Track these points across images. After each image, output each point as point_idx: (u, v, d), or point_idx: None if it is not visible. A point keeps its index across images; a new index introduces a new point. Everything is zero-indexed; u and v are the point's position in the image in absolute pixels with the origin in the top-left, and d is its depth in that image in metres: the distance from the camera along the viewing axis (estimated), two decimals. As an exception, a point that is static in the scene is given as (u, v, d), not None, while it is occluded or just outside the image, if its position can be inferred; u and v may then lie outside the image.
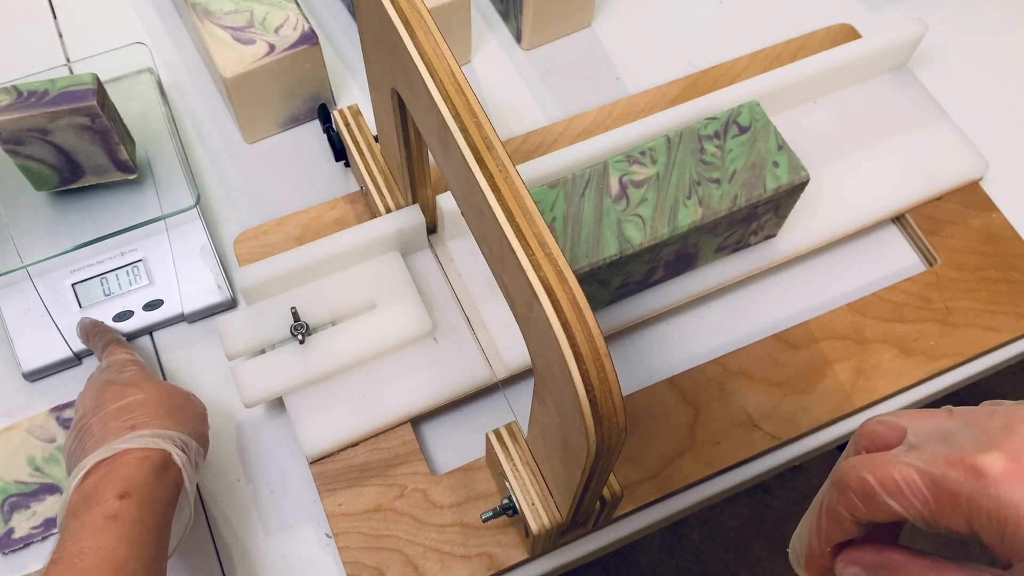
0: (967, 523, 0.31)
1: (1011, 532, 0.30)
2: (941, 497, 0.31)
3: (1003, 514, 0.30)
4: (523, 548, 0.56)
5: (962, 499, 0.31)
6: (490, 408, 0.62)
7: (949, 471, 0.31)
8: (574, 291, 0.37)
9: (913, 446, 0.34)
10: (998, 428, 0.32)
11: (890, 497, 0.33)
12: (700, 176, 0.58)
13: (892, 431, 0.35)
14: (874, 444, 0.36)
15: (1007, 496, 0.30)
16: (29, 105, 0.59)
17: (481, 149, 0.40)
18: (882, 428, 0.36)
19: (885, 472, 0.33)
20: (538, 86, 0.76)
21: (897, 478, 0.32)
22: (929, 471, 0.32)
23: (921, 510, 0.32)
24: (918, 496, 0.32)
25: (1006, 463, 0.30)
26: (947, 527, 0.32)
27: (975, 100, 0.75)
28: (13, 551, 0.57)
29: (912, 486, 0.32)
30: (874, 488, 0.33)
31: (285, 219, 0.67)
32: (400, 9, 0.43)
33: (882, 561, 0.35)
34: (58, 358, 0.62)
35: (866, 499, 0.33)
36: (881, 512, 0.33)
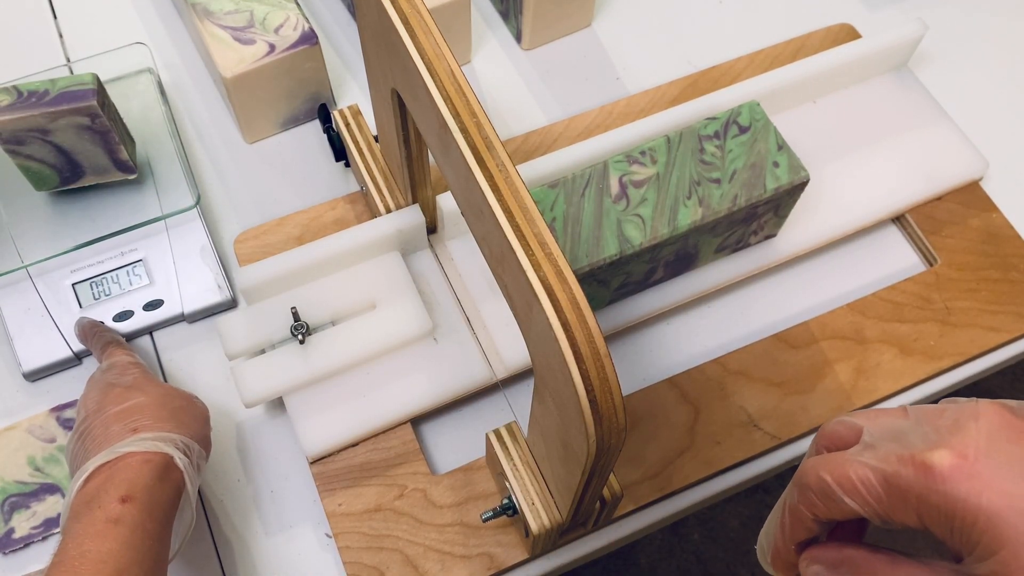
0: (918, 518, 0.32)
1: (959, 526, 0.31)
2: (893, 494, 0.32)
3: (951, 509, 0.31)
4: (523, 548, 0.56)
5: (912, 495, 0.32)
6: (490, 408, 0.62)
7: (900, 468, 0.32)
8: (574, 291, 0.37)
9: (869, 445, 0.35)
10: (948, 425, 0.33)
11: (846, 495, 0.34)
12: (700, 176, 0.58)
13: (850, 431, 0.36)
14: (834, 444, 0.37)
15: (954, 491, 0.31)
16: (29, 105, 0.59)
17: (481, 149, 0.40)
18: (841, 428, 0.37)
19: (841, 471, 0.34)
20: (538, 86, 0.76)
21: (852, 477, 0.33)
22: (882, 469, 0.33)
23: (875, 507, 0.33)
24: (872, 493, 0.33)
25: (953, 459, 0.31)
26: (900, 523, 0.33)
27: (975, 100, 0.75)
28: (13, 551, 0.57)
29: (867, 484, 0.33)
30: (831, 487, 0.34)
31: (285, 219, 0.67)
32: (400, 9, 0.43)
33: (842, 558, 0.36)
34: (58, 358, 0.62)
35: (824, 498, 0.34)
36: (839, 510, 0.34)
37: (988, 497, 0.30)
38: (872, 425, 0.36)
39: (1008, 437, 0.32)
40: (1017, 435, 0.32)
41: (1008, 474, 0.31)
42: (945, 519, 0.31)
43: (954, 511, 0.31)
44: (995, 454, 0.31)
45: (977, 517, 0.30)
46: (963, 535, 0.31)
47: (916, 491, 0.32)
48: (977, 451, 0.31)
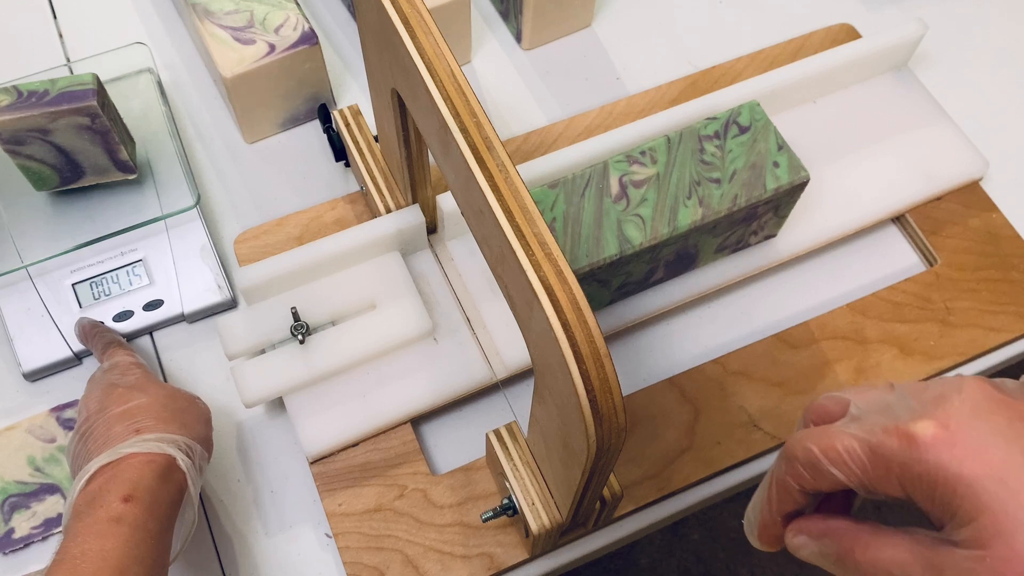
0: (901, 488, 0.33)
1: (940, 494, 0.32)
2: (877, 463, 0.33)
3: (933, 477, 0.32)
4: (523, 548, 0.56)
5: (896, 464, 0.33)
6: (490, 408, 0.62)
7: (884, 439, 0.33)
8: (574, 291, 0.37)
9: (855, 417, 0.36)
10: (932, 398, 0.34)
11: (832, 465, 0.34)
12: (700, 176, 0.58)
13: (837, 405, 0.37)
14: (821, 418, 0.38)
15: (936, 460, 0.32)
16: (29, 105, 0.59)
17: (481, 149, 0.40)
18: (828, 403, 0.38)
19: (828, 442, 0.35)
20: (538, 86, 0.76)
21: (838, 447, 0.34)
22: (867, 440, 0.34)
23: (860, 476, 0.34)
24: (857, 464, 0.34)
25: (936, 430, 0.32)
26: (885, 492, 0.34)
27: (975, 100, 0.75)
28: (13, 551, 0.57)
29: (852, 454, 0.34)
30: (818, 457, 0.35)
31: (285, 219, 0.67)
32: (400, 9, 0.43)
33: (827, 529, 0.37)
34: (58, 358, 0.62)
35: (811, 469, 0.35)
36: (825, 481, 0.35)
37: (968, 465, 0.31)
38: (859, 399, 0.37)
39: (989, 409, 0.33)
40: (998, 407, 0.33)
41: (988, 444, 0.32)
42: (927, 487, 0.32)
43: (935, 479, 0.32)
44: (976, 425, 0.32)
45: (957, 485, 0.31)
46: (944, 503, 0.32)
47: (899, 460, 0.33)
48: (959, 422, 0.32)
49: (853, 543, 0.36)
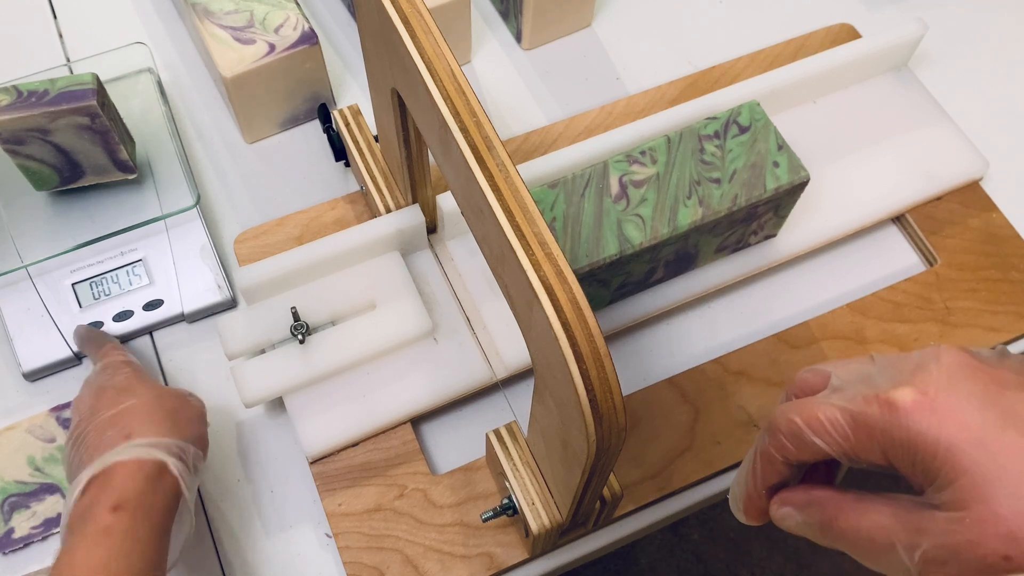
0: (883, 454, 0.34)
1: (920, 459, 0.33)
2: (859, 431, 0.34)
3: (913, 443, 0.33)
4: (523, 548, 0.56)
5: (877, 431, 0.33)
6: (490, 408, 0.62)
7: (866, 407, 0.34)
8: (574, 291, 0.37)
9: (836, 388, 0.37)
10: (911, 367, 0.35)
11: (815, 436, 0.35)
12: (700, 176, 0.58)
13: (819, 377, 0.38)
14: (803, 391, 0.39)
15: (916, 426, 0.33)
16: (29, 105, 0.59)
17: (481, 149, 0.40)
18: (810, 376, 0.39)
19: (810, 413, 0.35)
20: (538, 86, 0.76)
21: (821, 417, 0.35)
22: (849, 408, 0.34)
23: (843, 445, 0.35)
24: (839, 433, 0.35)
25: (916, 396, 0.33)
26: (867, 460, 0.35)
27: (975, 100, 0.75)
28: (13, 551, 0.57)
29: (834, 423, 0.35)
30: (801, 428, 0.36)
31: (285, 219, 0.67)
32: (400, 9, 0.43)
33: (811, 499, 0.37)
34: (58, 358, 0.62)
35: (794, 440, 0.36)
36: (808, 451, 0.36)
37: (947, 430, 0.32)
38: (839, 370, 0.37)
39: (966, 376, 0.34)
40: (974, 374, 0.34)
41: (966, 409, 0.32)
42: (908, 453, 0.33)
43: (916, 444, 0.33)
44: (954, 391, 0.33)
45: (937, 449, 0.32)
46: (924, 467, 0.33)
47: (881, 427, 0.33)
48: (938, 389, 0.33)
49: (836, 512, 0.36)
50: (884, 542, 0.34)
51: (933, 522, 0.33)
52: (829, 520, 0.36)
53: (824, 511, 0.37)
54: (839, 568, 1.33)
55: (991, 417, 0.32)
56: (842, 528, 0.36)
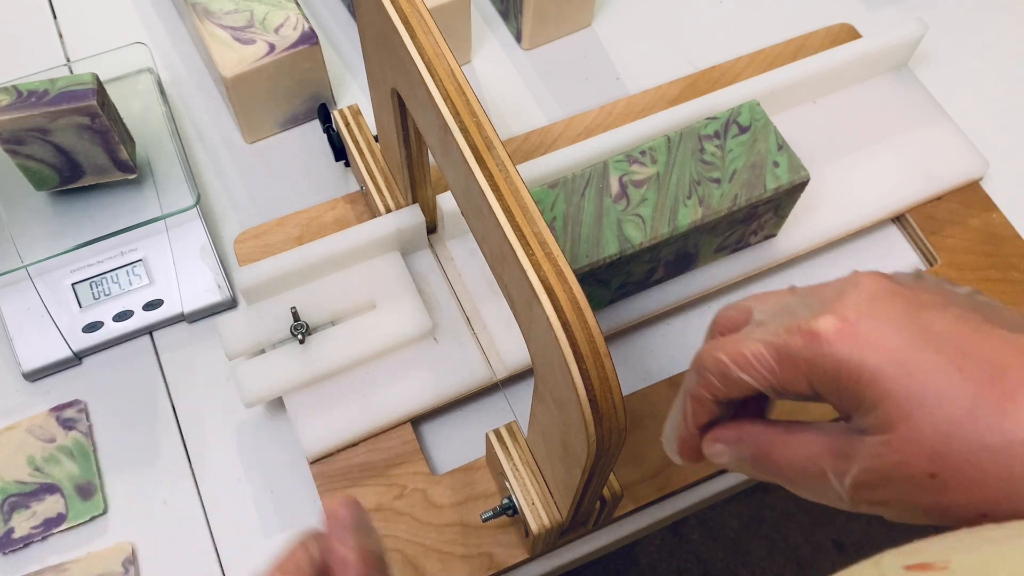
0: (809, 384, 0.34)
1: (845, 385, 0.33)
2: (784, 364, 0.34)
3: (837, 370, 0.33)
4: (523, 548, 0.56)
5: (802, 362, 0.33)
6: (490, 408, 0.62)
7: (789, 339, 0.34)
8: (574, 291, 0.37)
9: (759, 323, 0.37)
10: (831, 295, 0.35)
11: (742, 372, 0.35)
12: (700, 176, 0.58)
13: (741, 313, 0.38)
14: (726, 328, 0.39)
15: (839, 353, 0.32)
16: (29, 105, 0.59)
17: (481, 149, 0.40)
18: (732, 312, 0.39)
19: (735, 349, 0.35)
20: (538, 86, 0.76)
21: (746, 353, 0.35)
22: (773, 342, 0.34)
23: (769, 379, 0.35)
24: (765, 366, 0.35)
25: (837, 324, 0.33)
26: (795, 392, 0.35)
27: (975, 100, 0.75)
28: (13, 551, 0.57)
29: (759, 358, 0.35)
30: (727, 365, 0.36)
31: (285, 219, 0.67)
32: (400, 9, 0.43)
33: (741, 434, 0.38)
34: (58, 358, 0.62)
35: (721, 378, 0.36)
36: (736, 388, 0.36)
37: (870, 354, 0.32)
38: (761, 304, 0.37)
39: (886, 299, 0.34)
40: (893, 297, 0.34)
41: (888, 332, 0.32)
42: (832, 381, 0.33)
43: (840, 372, 0.33)
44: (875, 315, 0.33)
45: (861, 373, 0.32)
46: (849, 394, 0.33)
47: (805, 357, 0.33)
48: (858, 314, 0.33)
49: (767, 445, 0.36)
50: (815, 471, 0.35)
51: (861, 447, 0.33)
52: (761, 454, 0.37)
53: (756, 445, 0.37)
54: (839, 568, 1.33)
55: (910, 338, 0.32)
56: (774, 461, 0.36)
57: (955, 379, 0.31)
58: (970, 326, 0.33)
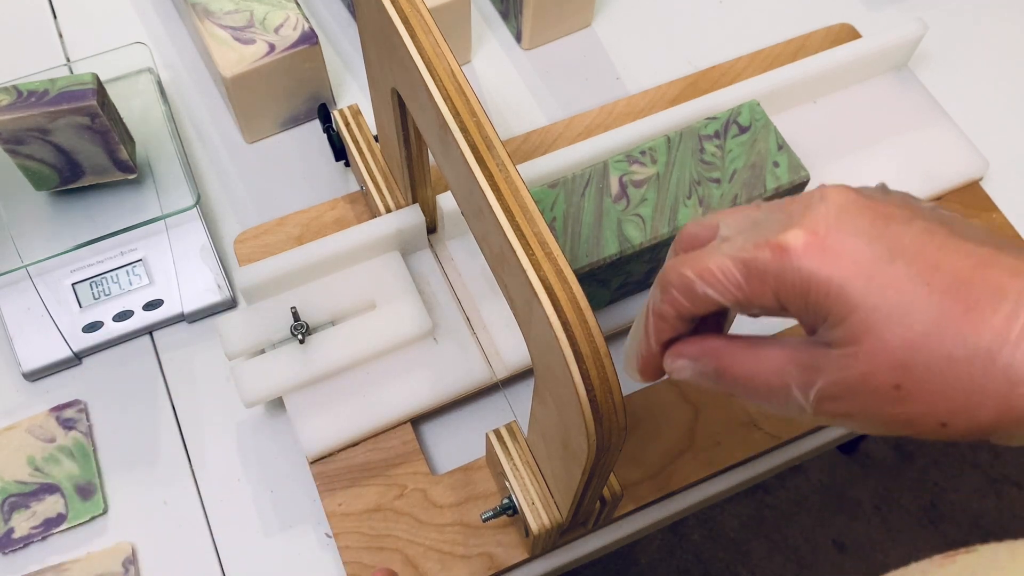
0: (775, 298, 0.34)
1: (813, 299, 0.33)
2: (752, 278, 0.34)
3: (805, 283, 0.33)
4: (523, 548, 0.56)
5: (770, 276, 0.33)
6: (490, 408, 0.62)
7: (757, 253, 0.34)
8: (574, 291, 0.37)
9: (725, 238, 0.36)
10: (798, 209, 0.35)
11: (708, 286, 0.35)
12: (700, 176, 0.58)
13: (706, 229, 0.38)
14: (691, 245, 0.38)
15: (808, 266, 0.33)
16: (29, 105, 0.59)
17: (481, 149, 0.40)
18: (696, 228, 0.38)
19: (701, 265, 0.35)
20: (538, 86, 0.76)
21: (712, 268, 0.35)
22: (740, 256, 0.34)
23: (736, 294, 0.35)
24: (732, 281, 0.35)
25: (806, 237, 0.33)
26: (760, 306, 0.35)
27: (975, 100, 0.75)
28: (13, 551, 0.57)
29: (726, 272, 0.35)
30: (693, 281, 0.35)
31: (285, 219, 0.67)
32: (400, 9, 0.43)
33: (704, 349, 0.37)
34: (58, 358, 0.62)
35: (687, 293, 0.36)
36: (701, 303, 0.36)
37: (838, 267, 0.32)
38: (727, 219, 0.37)
39: (854, 212, 0.34)
40: (861, 210, 0.34)
41: (856, 245, 0.33)
42: (800, 294, 0.33)
43: (808, 285, 0.33)
44: (843, 228, 0.33)
45: (830, 287, 0.32)
46: (817, 307, 0.33)
47: (773, 271, 0.33)
48: (827, 227, 0.33)
49: (730, 359, 0.36)
50: (778, 384, 0.35)
51: (826, 359, 0.33)
52: (723, 368, 0.37)
53: (718, 359, 0.37)
54: (839, 568, 1.33)
55: (879, 251, 0.32)
56: (736, 374, 0.36)
57: (923, 292, 0.31)
58: (937, 240, 0.33)
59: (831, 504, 1.38)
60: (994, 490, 1.39)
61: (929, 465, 1.41)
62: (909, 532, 1.36)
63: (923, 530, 1.36)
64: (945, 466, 1.41)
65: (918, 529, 1.37)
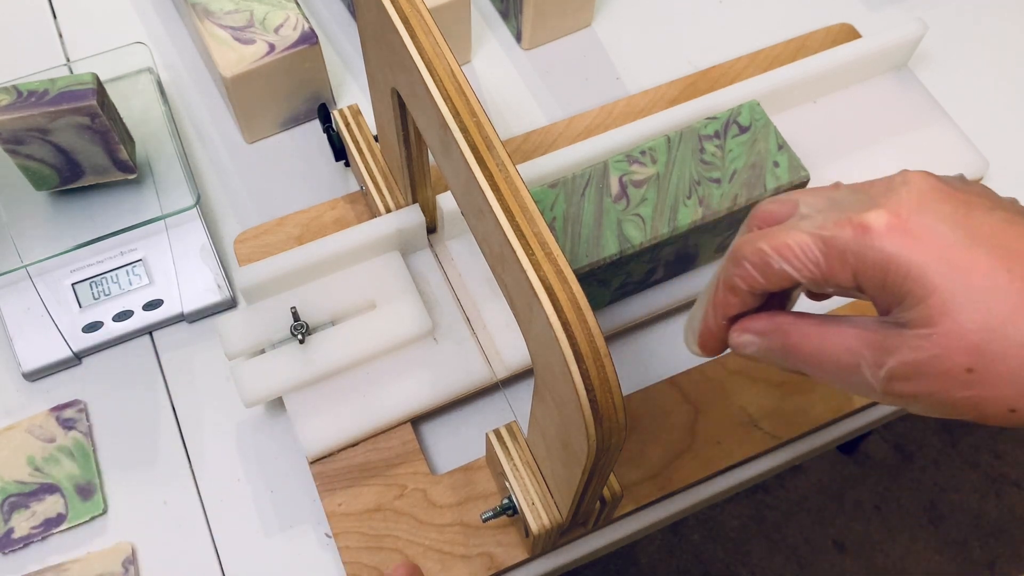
0: (853, 277, 0.34)
1: (891, 280, 0.33)
2: (831, 256, 0.34)
3: (885, 263, 0.33)
4: (523, 548, 0.56)
5: (850, 254, 0.34)
6: (490, 408, 0.62)
7: (838, 231, 0.34)
8: (574, 291, 0.37)
9: (805, 216, 0.37)
10: (881, 191, 0.35)
11: (785, 263, 0.36)
12: (700, 176, 0.58)
13: (784, 206, 0.38)
14: (767, 222, 0.39)
15: (889, 248, 0.33)
16: (29, 105, 0.59)
17: (481, 149, 0.40)
18: (775, 206, 0.39)
19: (780, 240, 0.36)
20: (538, 86, 0.76)
21: (791, 244, 0.35)
22: (820, 233, 0.35)
23: (813, 271, 0.35)
24: (810, 258, 0.35)
25: (889, 218, 0.34)
26: (835, 285, 0.35)
27: (975, 100, 0.75)
28: (13, 551, 0.57)
29: (805, 249, 0.35)
30: (770, 256, 0.36)
31: (285, 219, 0.67)
32: (400, 9, 0.43)
33: (772, 325, 0.38)
34: (58, 358, 0.62)
35: (762, 268, 0.36)
36: (775, 279, 0.36)
37: (920, 250, 0.33)
38: (807, 198, 0.37)
39: (936, 198, 0.34)
40: (943, 196, 0.34)
41: (938, 229, 0.33)
42: (879, 274, 0.34)
43: (888, 265, 0.33)
44: (925, 212, 0.34)
45: (909, 268, 0.33)
46: (895, 288, 0.33)
47: (853, 250, 0.34)
48: (910, 210, 0.34)
49: (800, 335, 0.37)
50: (848, 361, 0.35)
51: (899, 339, 0.33)
52: (792, 344, 0.37)
53: (786, 336, 0.37)
54: (839, 568, 1.33)
55: (960, 236, 0.33)
56: (806, 350, 0.37)
57: (1003, 279, 0.32)
58: (1017, 229, 0.33)
59: (831, 504, 1.38)
60: (994, 490, 1.39)
61: (929, 465, 1.41)
62: (909, 532, 1.36)
63: (923, 530, 1.37)
64: (945, 466, 1.41)
65: (918, 529, 1.37)
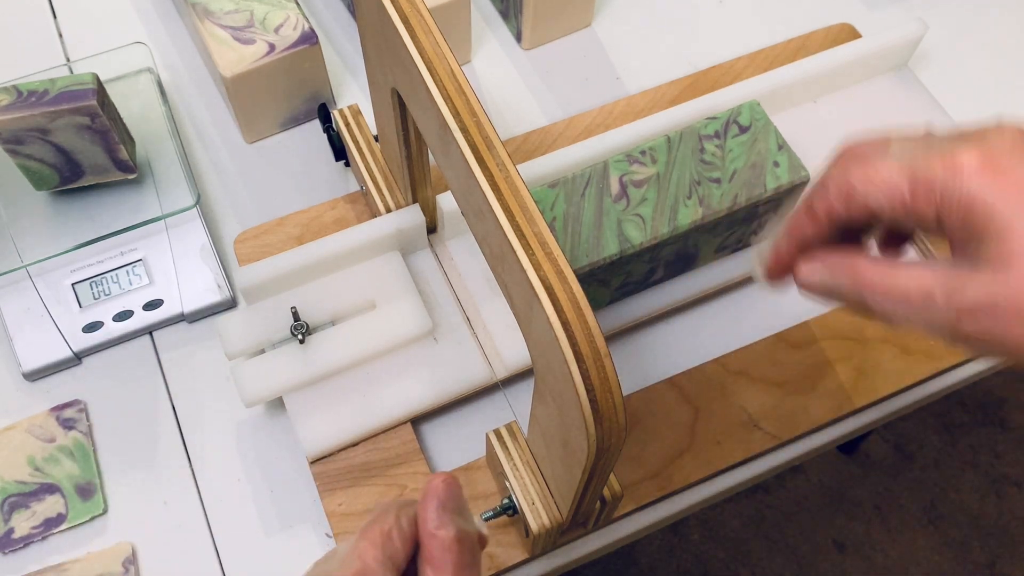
0: (936, 214, 0.35)
1: (975, 220, 0.34)
2: (918, 191, 0.35)
3: (970, 203, 0.34)
4: (523, 548, 0.56)
5: (936, 190, 0.35)
6: (490, 408, 0.62)
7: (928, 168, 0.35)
8: (574, 291, 0.37)
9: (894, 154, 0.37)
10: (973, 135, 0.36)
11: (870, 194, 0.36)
12: (700, 176, 0.58)
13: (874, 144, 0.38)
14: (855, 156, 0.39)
15: (977, 187, 0.34)
16: (29, 105, 0.59)
17: (481, 149, 0.40)
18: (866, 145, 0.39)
19: (865, 170, 0.36)
20: (538, 86, 0.76)
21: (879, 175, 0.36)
22: (909, 167, 0.35)
23: (897, 205, 0.36)
24: (896, 191, 0.36)
25: (980, 159, 0.34)
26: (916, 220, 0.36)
27: (975, 100, 0.75)
28: (13, 551, 0.57)
29: (892, 182, 0.36)
30: (854, 186, 0.36)
31: (285, 219, 0.67)
32: (400, 9, 0.43)
33: (843, 260, 0.38)
34: (58, 358, 0.62)
35: (845, 198, 0.37)
36: (858, 210, 0.37)
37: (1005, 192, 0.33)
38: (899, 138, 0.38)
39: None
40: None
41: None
42: (963, 213, 0.34)
43: (974, 204, 0.34)
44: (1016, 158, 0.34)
45: (994, 208, 0.33)
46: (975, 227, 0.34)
47: (940, 186, 0.34)
48: (1000, 154, 0.34)
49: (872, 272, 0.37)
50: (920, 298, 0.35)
51: (974, 280, 0.34)
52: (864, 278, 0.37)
53: (857, 269, 0.37)
54: (839, 568, 1.33)
55: None
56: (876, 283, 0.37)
57: None
58: None
59: (831, 504, 1.38)
60: (994, 490, 1.39)
61: (929, 465, 1.41)
62: (909, 532, 1.36)
63: (923, 530, 1.37)
64: (945, 466, 1.41)
65: (918, 529, 1.37)
